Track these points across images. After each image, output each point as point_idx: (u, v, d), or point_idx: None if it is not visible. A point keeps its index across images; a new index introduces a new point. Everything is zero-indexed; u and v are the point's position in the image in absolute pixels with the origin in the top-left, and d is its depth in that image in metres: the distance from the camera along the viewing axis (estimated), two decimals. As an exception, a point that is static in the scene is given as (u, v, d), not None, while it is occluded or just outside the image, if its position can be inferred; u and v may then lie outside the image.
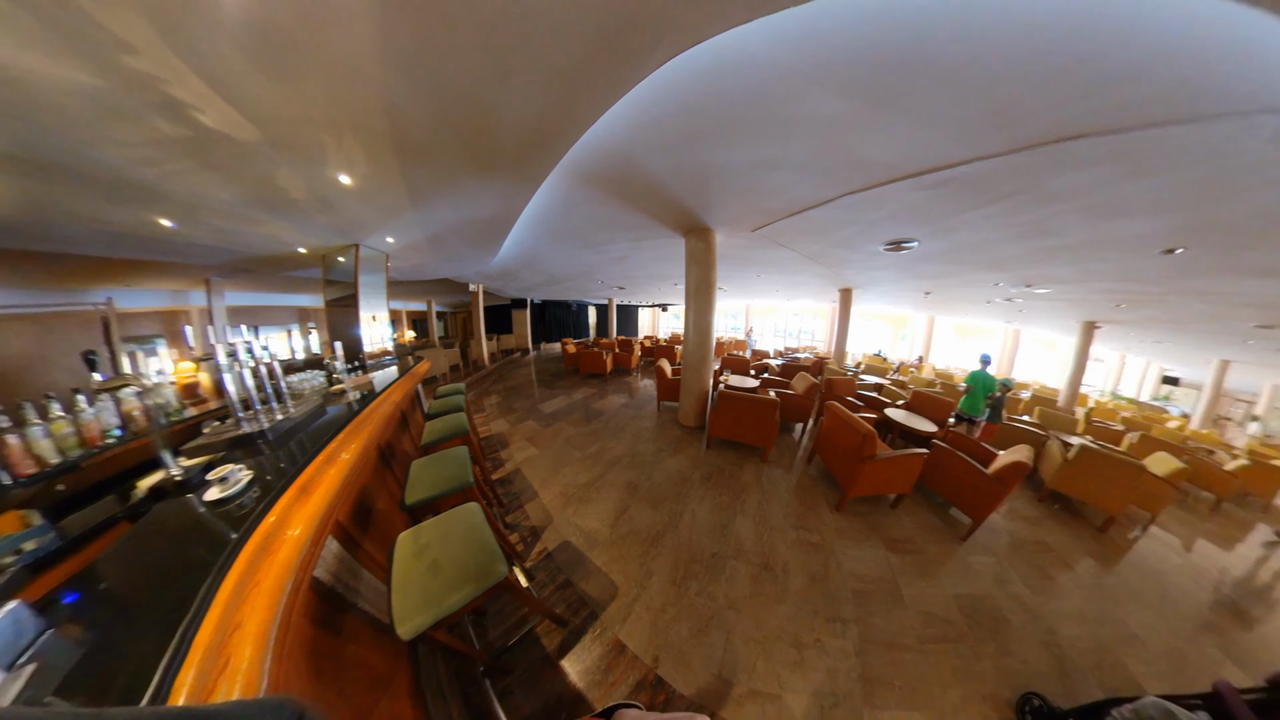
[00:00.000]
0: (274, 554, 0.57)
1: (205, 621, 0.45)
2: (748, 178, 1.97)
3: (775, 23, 0.82)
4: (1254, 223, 1.72)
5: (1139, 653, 1.28)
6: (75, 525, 0.61)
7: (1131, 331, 5.26)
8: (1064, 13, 0.75)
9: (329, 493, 0.72)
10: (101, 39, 0.71)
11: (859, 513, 2.01)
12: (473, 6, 0.75)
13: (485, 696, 0.97)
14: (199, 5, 0.67)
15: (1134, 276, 2.89)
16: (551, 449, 2.68)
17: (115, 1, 0.64)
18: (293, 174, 1.56)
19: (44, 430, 0.84)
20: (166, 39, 0.74)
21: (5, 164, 1.21)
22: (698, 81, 1.12)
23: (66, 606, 0.47)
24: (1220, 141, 1.15)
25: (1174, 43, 0.77)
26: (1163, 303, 3.46)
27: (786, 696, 1.04)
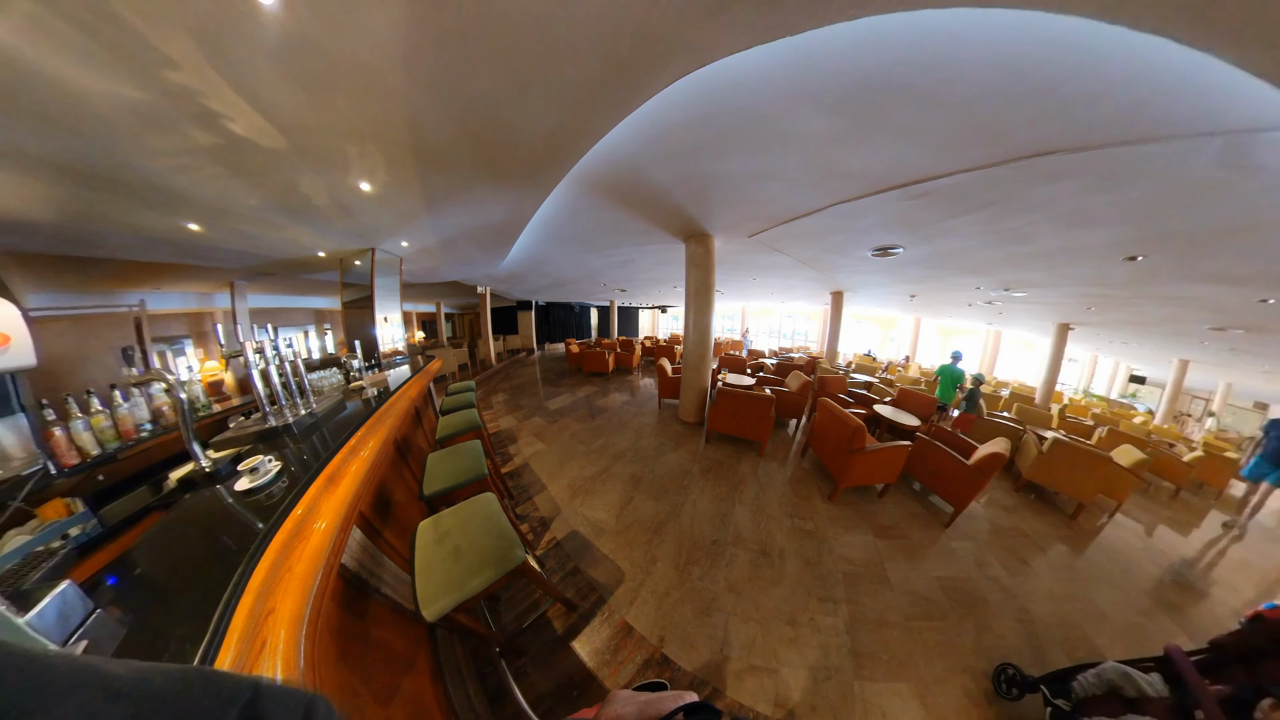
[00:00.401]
0: (305, 540, 0.57)
1: (240, 606, 0.46)
2: (745, 187, 2.00)
3: (772, 49, 0.87)
4: (1204, 233, 1.81)
5: (1102, 626, 1.35)
6: (114, 513, 0.60)
7: (1102, 333, 5.44)
8: (1030, 44, 0.80)
9: (354, 482, 0.73)
10: (149, 56, 0.72)
11: (849, 502, 2.04)
12: (498, 24, 0.76)
13: (501, 676, 0.97)
14: (240, 22, 0.68)
15: (1102, 281, 3.01)
16: (558, 444, 2.69)
17: (165, 21, 0.65)
18: (315, 180, 1.57)
19: (85, 424, 0.86)
20: (206, 53, 0.74)
21: (57, 174, 1.23)
22: (701, 99, 1.15)
23: (110, 589, 0.48)
24: (1170, 160, 1.23)
25: (1124, 72, 0.84)
26: (1128, 306, 3.61)
27: (783, 671, 1.06)
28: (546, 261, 4.53)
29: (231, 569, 0.51)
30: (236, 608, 0.45)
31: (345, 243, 2.64)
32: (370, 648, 0.72)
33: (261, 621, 0.44)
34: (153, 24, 0.67)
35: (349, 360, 1.90)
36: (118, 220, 1.80)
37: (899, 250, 2.91)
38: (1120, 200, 1.60)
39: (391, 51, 0.83)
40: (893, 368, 7.05)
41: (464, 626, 0.85)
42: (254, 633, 0.43)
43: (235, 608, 0.46)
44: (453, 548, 0.79)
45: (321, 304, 5.08)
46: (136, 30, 0.67)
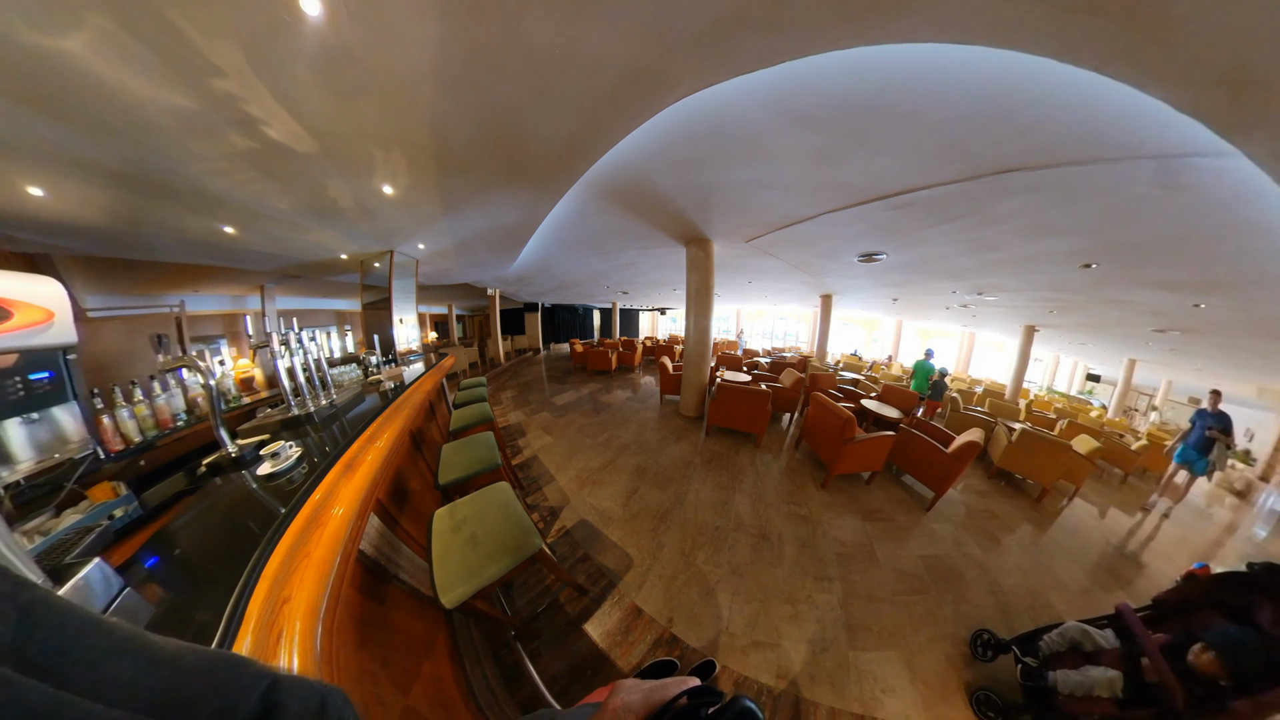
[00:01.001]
0: (323, 526, 0.54)
1: (255, 594, 0.42)
2: (744, 195, 2.00)
3: (771, 72, 0.91)
4: (1145, 244, 1.93)
5: (1062, 594, 1.44)
6: (152, 497, 0.60)
7: (1063, 334, 5.68)
8: (995, 74, 0.86)
9: (372, 469, 0.70)
10: (200, 65, 0.71)
11: (840, 489, 2.04)
12: (525, 40, 0.75)
13: (517, 657, 0.94)
14: (285, 32, 0.66)
15: (1061, 287, 3.13)
16: (565, 437, 2.66)
17: (217, 33, 0.64)
18: (342, 184, 1.54)
19: (129, 412, 0.87)
20: (251, 62, 0.73)
21: (111, 179, 1.22)
22: (706, 113, 1.17)
23: (143, 569, 0.45)
24: (1116, 179, 1.33)
25: (1075, 101, 0.91)
26: (1084, 310, 3.80)
27: (784, 645, 1.06)
28: (554, 264, 4.52)
29: (249, 554, 0.49)
30: (252, 595, 0.42)
31: (366, 245, 2.62)
32: (390, 632, 0.69)
33: (277, 610, 0.41)
34: (207, 35, 0.66)
35: (367, 356, 1.86)
36: (161, 224, 1.79)
37: (883, 256, 2.96)
38: (1076, 213, 1.72)
39: (423, 62, 0.81)
40: (877, 366, 7.19)
41: (481, 612, 0.82)
42: (270, 621, 0.39)
43: (250, 595, 0.43)
44: (469, 535, 0.76)
45: (343, 306, 5.13)
46: (192, 41, 0.66)
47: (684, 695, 0.22)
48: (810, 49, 0.82)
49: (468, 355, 5.48)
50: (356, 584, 0.66)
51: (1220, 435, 2.39)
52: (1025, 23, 0.65)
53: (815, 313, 6.65)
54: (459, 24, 0.71)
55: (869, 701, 0.92)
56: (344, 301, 4.95)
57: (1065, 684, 0.79)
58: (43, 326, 0.41)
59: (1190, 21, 0.53)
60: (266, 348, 0.94)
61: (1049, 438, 2.31)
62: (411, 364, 2.40)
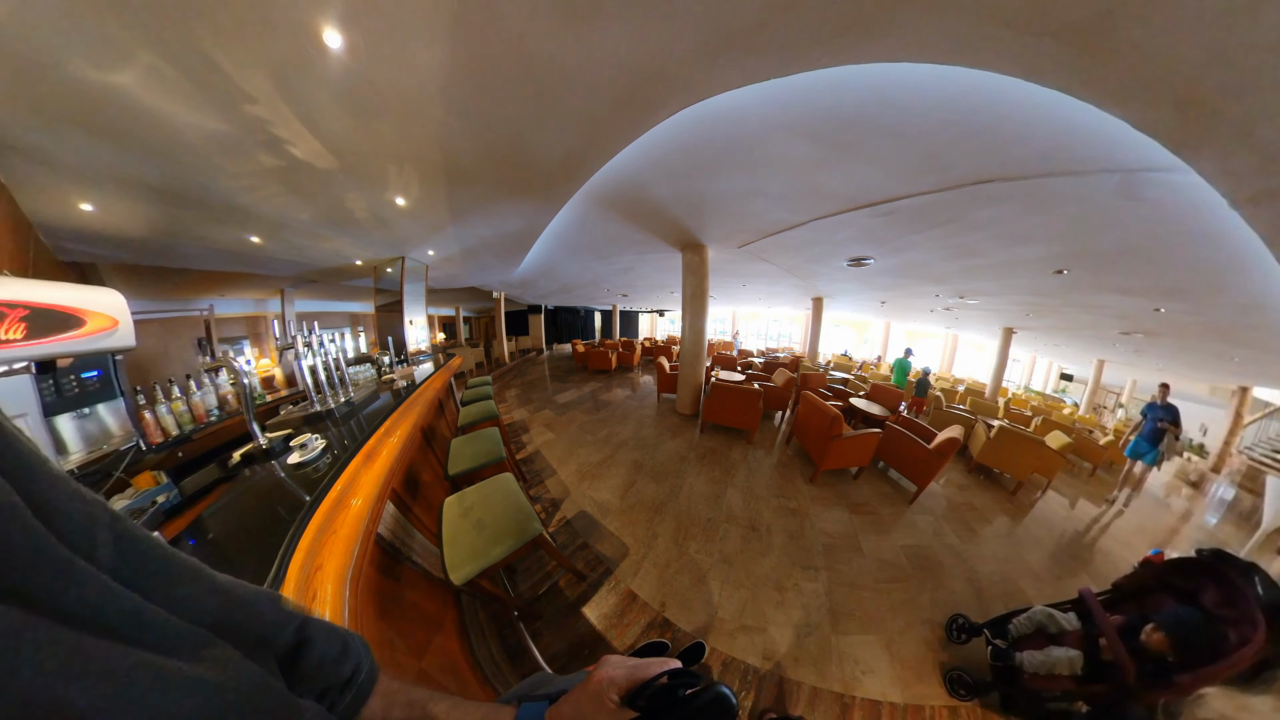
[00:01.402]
0: (346, 509, 0.58)
1: (293, 561, 0.47)
2: (736, 203, 2.03)
3: (761, 87, 0.93)
4: (1111, 252, 1.99)
5: (1033, 580, 1.48)
6: (190, 485, 0.64)
7: (1038, 336, 5.78)
8: (969, 91, 0.89)
9: (388, 460, 0.74)
10: (233, 93, 0.76)
11: (828, 483, 2.06)
12: (527, 63, 0.79)
13: (520, 636, 0.98)
14: (311, 62, 0.71)
15: (1036, 291, 3.21)
16: (566, 434, 2.69)
17: (250, 64, 0.69)
18: (359, 196, 1.59)
19: (167, 408, 0.92)
20: (280, 90, 0.78)
21: (153, 195, 1.29)
22: (699, 126, 1.20)
23: (188, 546, 0.49)
24: (1083, 190, 1.37)
25: (1043, 117, 0.94)
26: (1058, 313, 3.91)
27: (770, 629, 1.08)
28: (556, 268, 4.55)
29: (285, 531, 0.53)
30: (290, 562, 0.47)
31: (380, 252, 2.68)
32: (404, 608, 0.73)
33: (312, 575, 0.46)
34: (240, 66, 0.71)
35: (381, 356, 1.90)
36: (194, 234, 1.88)
37: (870, 261, 2.98)
38: (1048, 222, 1.77)
39: (433, 85, 0.85)
40: (866, 366, 7.25)
41: (487, 592, 0.86)
42: (306, 585, 0.44)
43: (289, 561, 0.47)
44: (476, 520, 0.80)
45: (356, 308, 5.14)
46: (227, 72, 0.71)
47: (664, 675, 0.23)
48: (793, 68, 0.85)
49: (474, 355, 5.51)
50: (375, 563, 0.70)
51: (1169, 426, 2.42)
52: (991, 46, 0.68)
53: (807, 315, 6.69)
54: (466, 50, 0.75)
55: (849, 681, 0.94)
56: (358, 304, 4.96)
57: (1030, 663, 0.82)
58: (110, 332, 0.46)
59: (1141, 48, 0.56)
60: (291, 348, 0.98)
61: (1024, 434, 2.36)
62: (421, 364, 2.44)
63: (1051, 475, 2.40)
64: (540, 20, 0.68)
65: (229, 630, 0.18)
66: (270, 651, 0.20)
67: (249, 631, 0.20)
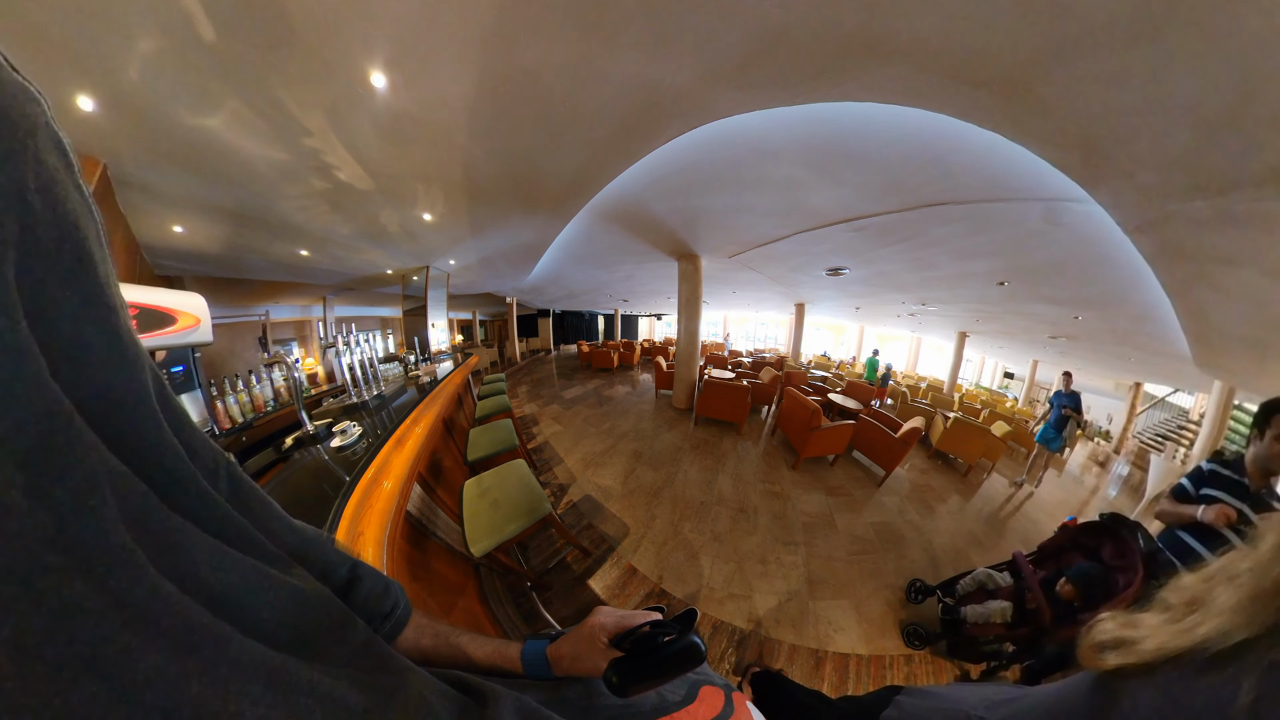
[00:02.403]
0: (380, 486, 0.62)
1: (339, 529, 0.50)
2: (726, 218, 2.08)
3: (748, 117, 0.98)
4: (1041, 268, 2.14)
5: (978, 548, 1.57)
6: (252, 466, 0.68)
7: (987, 339, 6.12)
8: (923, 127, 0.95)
9: (415, 446, 0.77)
10: (295, 129, 0.81)
11: (808, 470, 2.10)
12: (543, 96, 0.83)
13: (533, 604, 1.00)
14: (358, 100, 0.76)
15: (984, 300, 3.37)
16: (572, 426, 2.71)
17: (310, 105, 0.74)
18: (391, 213, 1.64)
19: (234, 399, 0.97)
20: (332, 124, 0.84)
21: (227, 217, 1.38)
22: (694, 150, 1.26)
23: None
24: (1018, 215, 1.53)
25: (984, 151, 1.00)
26: (1001, 319, 4.18)
27: (755, 596, 1.12)
28: (564, 276, 4.59)
29: (330, 504, 0.56)
30: (337, 529, 0.50)
31: (407, 262, 2.75)
32: (431, 575, 0.75)
33: (356, 539, 0.49)
34: (302, 107, 0.76)
35: (407, 355, 1.93)
36: (256, 249, 1.98)
37: (846, 271, 3.05)
38: (992, 240, 1.88)
39: (459, 115, 0.89)
40: (843, 365, 7.39)
41: (503, 564, 0.89)
42: (352, 545, 0.48)
43: (337, 527, 0.50)
44: (493, 500, 0.83)
45: (386, 313, 5.32)
46: (292, 112, 0.76)
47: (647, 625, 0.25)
48: (775, 103, 0.90)
49: (489, 355, 5.53)
50: (405, 537, 0.73)
51: (1072, 413, 2.46)
52: (937, 92, 0.73)
53: (791, 319, 6.78)
54: (489, 85, 0.78)
55: (823, 639, 0.99)
56: (388, 309, 5.14)
57: (972, 615, 0.89)
58: (195, 329, 0.51)
59: (1050, 102, 0.61)
60: (333, 347, 1.03)
61: (975, 424, 2.47)
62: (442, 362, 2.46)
63: (996, 459, 2.53)
64: (554, 60, 0.71)
65: (303, 561, 0.20)
66: (331, 583, 0.23)
67: (316, 564, 0.22)
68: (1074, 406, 2.48)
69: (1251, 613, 0.15)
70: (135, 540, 0.09)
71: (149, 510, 0.11)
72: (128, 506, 0.10)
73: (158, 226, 1.27)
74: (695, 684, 0.27)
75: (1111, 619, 0.19)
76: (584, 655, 0.25)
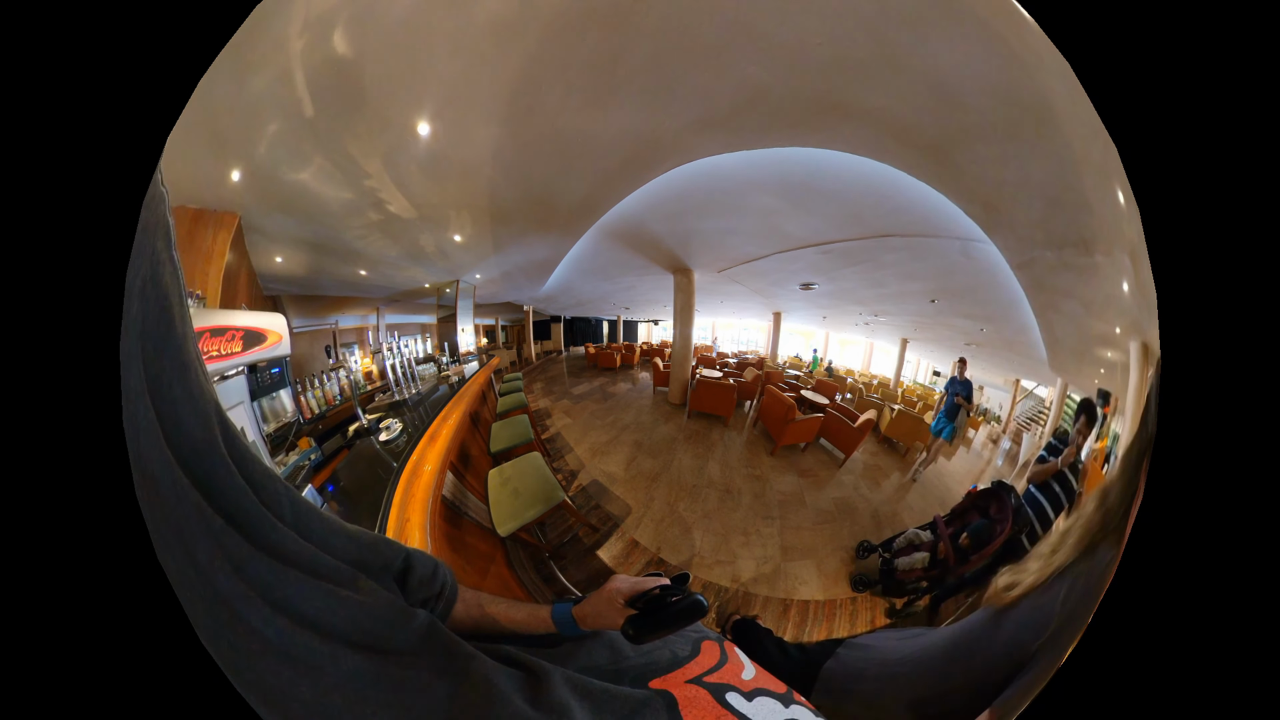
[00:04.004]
0: (421, 474, 0.66)
1: (390, 516, 0.53)
2: (716, 238, 2.15)
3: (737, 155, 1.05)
4: (962, 290, 2.30)
5: (909, 512, 1.61)
6: (326, 449, 0.72)
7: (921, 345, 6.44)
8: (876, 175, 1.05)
9: (448, 437, 0.82)
10: (358, 173, 0.88)
11: (784, 456, 2.11)
12: (559, 135, 0.90)
13: (551, 570, 1.05)
14: (408, 146, 0.82)
15: (920, 314, 3.51)
16: (581, 419, 2.70)
17: (371, 154, 0.82)
18: (429, 236, 1.72)
19: (312, 394, 1.03)
20: (386, 167, 0.91)
21: (309, 248, 1.52)
22: (689, 180, 1.32)
23: (328, 492, 0.57)
24: (944, 248, 1.58)
25: (917, 194, 1.11)
26: (932, 329, 4.41)
27: (738, 562, 1.18)
28: (573, 287, 4.56)
29: (383, 487, 0.59)
30: (389, 517, 0.53)
31: (440, 277, 2.79)
32: (467, 548, 0.79)
33: (403, 526, 0.53)
34: (364, 155, 0.83)
35: (440, 357, 1.98)
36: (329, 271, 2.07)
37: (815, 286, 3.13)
38: (926, 267, 2.00)
39: (486, 152, 0.94)
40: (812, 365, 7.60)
41: (525, 540, 0.94)
42: (401, 530, 0.51)
43: (389, 513, 0.53)
44: (513, 489, 0.87)
45: (424, 320, 5.67)
46: (357, 160, 0.84)
47: (657, 588, 0.30)
48: (760, 145, 0.97)
49: (508, 356, 5.50)
50: (444, 517, 0.76)
51: (963, 402, 2.39)
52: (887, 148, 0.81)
53: (769, 325, 6.95)
54: (513, 126, 0.84)
55: (790, 591, 1.07)
56: (425, 317, 5.44)
57: (901, 565, 1.01)
58: (278, 344, 0.57)
59: (963, 168, 0.70)
60: (380, 352, 1.08)
61: (911, 414, 2.57)
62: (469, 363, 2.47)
63: (926, 441, 2.68)
64: (572, 105, 0.77)
65: (363, 564, 0.23)
66: (389, 574, 0.26)
67: (374, 564, 0.25)
68: (966, 395, 2.38)
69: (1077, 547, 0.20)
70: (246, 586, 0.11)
71: (245, 560, 0.12)
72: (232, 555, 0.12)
73: (266, 258, 1.42)
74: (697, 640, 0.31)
75: (1009, 572, 0.25)
76: (604, 613, 0.30)
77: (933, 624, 0.65)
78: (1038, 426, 1.00)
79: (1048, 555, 0.22)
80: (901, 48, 0.59)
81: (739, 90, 0.77)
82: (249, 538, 0.15)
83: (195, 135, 0.63)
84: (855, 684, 0.32)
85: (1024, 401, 1.09)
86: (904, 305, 4.78)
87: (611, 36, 0.78)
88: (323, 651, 0.13)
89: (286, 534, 0.18)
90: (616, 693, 0.25)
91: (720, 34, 0.73)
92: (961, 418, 2.86)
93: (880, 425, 3.66)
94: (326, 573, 0.18)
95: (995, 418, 2.71)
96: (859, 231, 1.76)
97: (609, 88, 0.79)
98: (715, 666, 0.28)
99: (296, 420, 0.87)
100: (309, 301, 3.19)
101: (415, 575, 0.27)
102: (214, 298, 0.57)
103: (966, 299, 2.59)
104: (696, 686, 0.27)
